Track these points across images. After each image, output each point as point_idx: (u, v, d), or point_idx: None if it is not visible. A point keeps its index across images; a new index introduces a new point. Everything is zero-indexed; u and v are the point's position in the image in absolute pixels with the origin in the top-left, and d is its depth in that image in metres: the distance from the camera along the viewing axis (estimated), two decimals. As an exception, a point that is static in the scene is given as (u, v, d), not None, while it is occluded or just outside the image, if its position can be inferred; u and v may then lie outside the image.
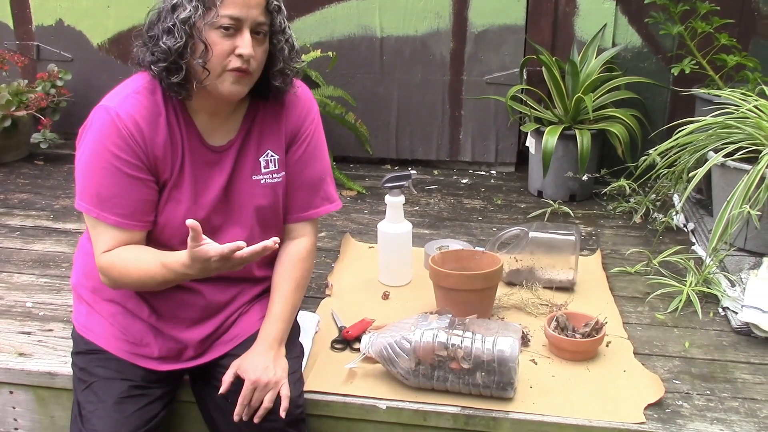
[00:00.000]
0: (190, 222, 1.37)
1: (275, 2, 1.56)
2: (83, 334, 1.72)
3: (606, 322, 1.99)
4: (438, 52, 3.54)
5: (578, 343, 1.93)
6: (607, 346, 2.00)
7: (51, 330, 2.12)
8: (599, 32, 3.35)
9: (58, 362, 1.95)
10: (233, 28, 1.49)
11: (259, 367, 1.61)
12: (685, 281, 2.31)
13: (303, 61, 1.70)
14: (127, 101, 1.54)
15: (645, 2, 3.05)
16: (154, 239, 1.64)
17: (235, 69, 1.51)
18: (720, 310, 2.23)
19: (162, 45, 1.49)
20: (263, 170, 1.70)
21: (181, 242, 1.62)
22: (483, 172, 3.68)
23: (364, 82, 3.62)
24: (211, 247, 1.41)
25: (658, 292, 2.31)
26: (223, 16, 1.47)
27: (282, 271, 1.75)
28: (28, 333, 2.10)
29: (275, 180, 1.71)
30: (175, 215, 1.61)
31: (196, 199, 1.63)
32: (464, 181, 3.56)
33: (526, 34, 3.46)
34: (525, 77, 3.43)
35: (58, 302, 2.29)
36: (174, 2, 1.48)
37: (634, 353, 1.99)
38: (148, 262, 1.54)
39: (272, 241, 1.41)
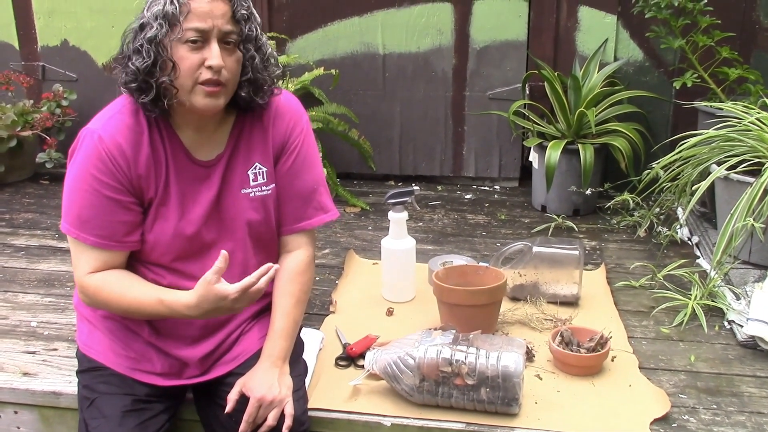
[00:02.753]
0: (223, 254, 1.44)
1: (242, 11, 1.55)
2: (86, 352, 1.72)
3: (611, 337, 1.98)
4: (440, 69, 3.56)
5: (583, 358, 1.93)
6: (612, 360, 2.00)
7: (56, 349, 2.12)
8: (601, 47, 3.37)
9: (63, 381, 1.95)
10: (200, 41, 1.50)
11: (264, 385, 1.60)
12: (690, 295, 2.31)
13: (280, 68, 1.69)
14: (109, 123, 1.56)
15: (646, 16, 3.06)
16: (143, 258, 1.64)
17: (206, 81, 1.52)
18: (725, 323, 2.22)
19: (131, 66, 1.51)
20: (252, 183, 1.70)
21: (173, 260, 1.64)
22: (486, 188, 3.69)
23: (367, 98, 3.64)
24: (228, 285, 1.45)
25: (663, 305, 2.30)
26: (188, 29, 1.48)
27: (281, 286, 1.74)
28: (33, 352, 2.11)
29: (264, 192, 1.71)
30: (164, 232, 1.62)
31: (184, 214, 1.63)
32: (468, 196, 3.56)
33: (527, 50, 3.47)
34: (527, 92, 3.44)
35: (63, 321, 2.29)
36: (141, 22, 1.50)
37: (640, 367, 1.98)
38: (143, 295, 1.57)
39: (270, 266, 1.48)
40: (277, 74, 1.67)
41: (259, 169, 1.70)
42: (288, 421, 1.59)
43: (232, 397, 1.60)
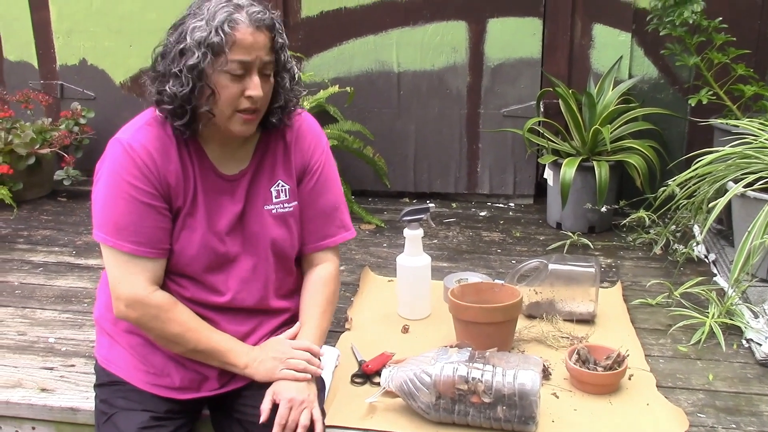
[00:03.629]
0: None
1: (280, 40, 1.58)
2: (105, 366, 1.73)
3: (628, 355, 1.97)
4: (455, 86, 3.57)
5: (600, 376, 1.91)
6: (629, 379, 1.98)
7: (73, 365, 2.13)
8: (615, 64, 3.37)
9: (80, 398, 1.96)
10: (242, 71, 1.52)
11: (294, 389, 1.61)
12: (708, 313, 2.29)
13: (304, 90, 1.73)
14: (138, 133, 1.59)
15: (660, 34, 3.06)
16: (172, 269, 1.65)
17: (244, 110, 1.55)
18: (743, 341, 2.21)
19: (168, 89, 1.52)
20: (274, 200, 1.72)
21: (197, 271, 1.65)
22: (501, 205, 3.69)
23: (382, 116, 3.65)
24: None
25: (680, 324, 2.28)
26: (233, 61, 1.50)
27: (307, 297, 1.78)
28: (51, 368, 2.12)
29: (286, 209, 1.73)
30: (190, 243, 1.63)
31: (210, 226, 1.65)
32: (482, 213, 3.56)
33: (542, 67, 3.48)
34: (542, 110, 3.45)
35: (80, 338, 2.30)
36: (182, 47, 1.51)
37: (657, 386, 1.97)
38: (202, 327, 1.64)
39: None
40: (303, 95, 1.71)
41: (282, 186, 1.72)
42: (318, 427, 1.60)
43: (265, 407, 1.60)
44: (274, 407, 1.60)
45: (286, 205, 1.73)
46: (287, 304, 1.79)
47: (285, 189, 1.73)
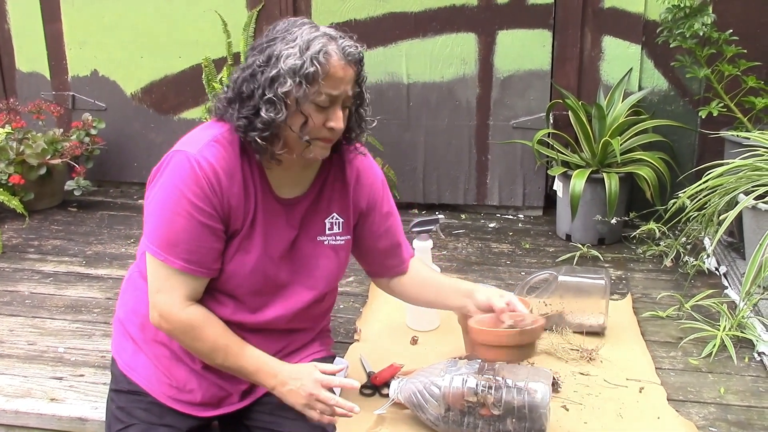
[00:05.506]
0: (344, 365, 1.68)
1: (363, 74, 1.60)
2: (126, 373, 1.71)
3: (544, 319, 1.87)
4: (464, 98, 3.58)
5: (496, 334, 1.79)
6: (640, 391, 1.97)
7: (82, 375, 2.14)
8: (625, 76, 3.37)
9: (89, 407, 1.96)
10: (329, 103, 1.52)
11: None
12: (719, 326, 2.28)
13: (374, 120, 1.73)
14: (207, 149, 1.55)
15: (671, 46, 3.06)
16: (219, 287, 1.63)
17: (322, 138, 1.56)
18: (755, 355, 2.19)
19: (264, 116, 1.50)
20: (327, 232, 1.72)
21: (247, 293, 1.64)
22: (510, 216, 3.68)
23: (391, 127, 3.66)
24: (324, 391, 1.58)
25: (691, 336, 2.27)
26: (324, 93, 1.50)
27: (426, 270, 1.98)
28: (60, 378, 2.12)
29: (338, 242, 1.74)
30: (244, 265, 1.61)
31: (266, 251, 1.64)
32: (492, 225, 3.56)
33: (551, 79, 3.48)
34: (551, 121, 3.45)
35: (90, 347, 2.31)
36: (273, 73, 1.48)
37: (668, 399, 1.96)
38: (234, 339, 1.62)
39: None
40: (373, 125, 1.72)
41: (336, 219, 1.73)
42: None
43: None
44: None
45: (338, 238, 1.74)
46: (314, 324, 1.81)
47: (339, 222, 1.74)
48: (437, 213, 3.69)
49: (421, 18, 3.51)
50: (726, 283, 2.71)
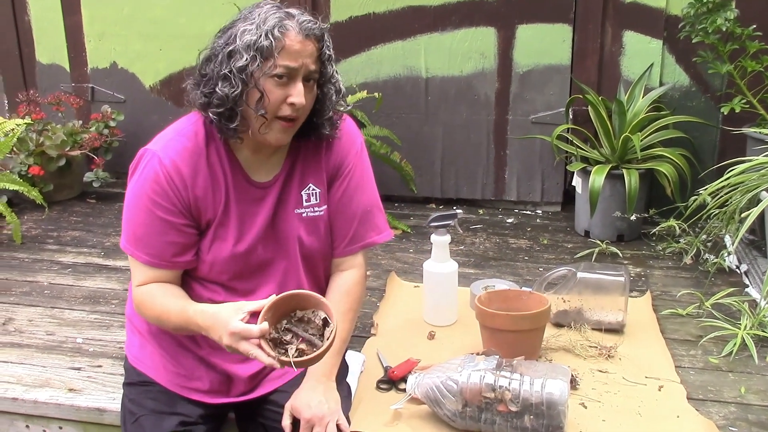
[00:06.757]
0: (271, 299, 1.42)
1: (327, 52, 1.58)
2: (135, 365, 1.74)
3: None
4: (483, 92, 3.56)
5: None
6: (659, 390, 1.95)
7: (100, 366, 2.15)
8: (646, 71, 3.33)
9: (107, 398, 1.97)
10: (287, 77, 1.51)
11: (312, 403, 1.60)
12: (740, 324, 2.25)
13: (348, 105, 1.72)
14: (169, 144, 1.59)
15: (693, 41, 3.03)
16: (200, 276, 1.66)
17: (284, 117, 1.54)
18: (776, 354, 2.17)
19: (218, 92, 1.51)
20: (305, 204, 1.71)
21: (230, 278, 1.65)
22: (528, 212, 3.66)
23: (409, 122, 3.65)
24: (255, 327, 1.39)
25: (712, 335, 2.25)
26: (280, 65, 1.50)
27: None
28: (78, 369, 2.14)
29: (317, 213, 1.73)
30: (222, 252, 1.63)
31: (242, 235, 1.65)
32: (510, 220, 3.54)
33: (571, 74, 3.46)
34: (571, 116, 3.42)
35: (108, 338, 2.32)
36: (230, 49, 1.50)
37: (688, 398, 1.94)
38: (173, 305, 1.57)
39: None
40: (348, 108, 1.70)
41: (313, 190, 1.72)
42: None
43: (286, 423, 1.60)
44: (296, 421, 1.60)
45: (316, 209, 1.72)
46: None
47: (315, 193, 1.72)
48: (455, 208, 3.67)
49: (440, 12, 3.50)
50: (747, 282, 2.68)
